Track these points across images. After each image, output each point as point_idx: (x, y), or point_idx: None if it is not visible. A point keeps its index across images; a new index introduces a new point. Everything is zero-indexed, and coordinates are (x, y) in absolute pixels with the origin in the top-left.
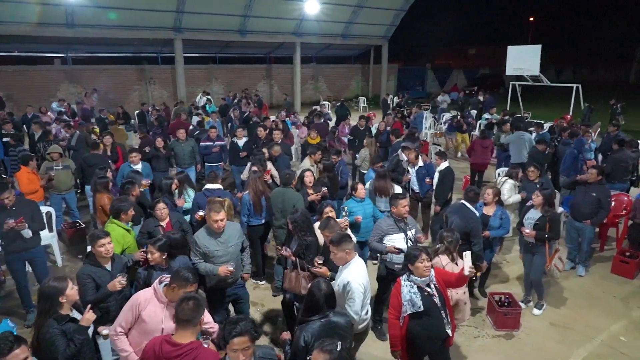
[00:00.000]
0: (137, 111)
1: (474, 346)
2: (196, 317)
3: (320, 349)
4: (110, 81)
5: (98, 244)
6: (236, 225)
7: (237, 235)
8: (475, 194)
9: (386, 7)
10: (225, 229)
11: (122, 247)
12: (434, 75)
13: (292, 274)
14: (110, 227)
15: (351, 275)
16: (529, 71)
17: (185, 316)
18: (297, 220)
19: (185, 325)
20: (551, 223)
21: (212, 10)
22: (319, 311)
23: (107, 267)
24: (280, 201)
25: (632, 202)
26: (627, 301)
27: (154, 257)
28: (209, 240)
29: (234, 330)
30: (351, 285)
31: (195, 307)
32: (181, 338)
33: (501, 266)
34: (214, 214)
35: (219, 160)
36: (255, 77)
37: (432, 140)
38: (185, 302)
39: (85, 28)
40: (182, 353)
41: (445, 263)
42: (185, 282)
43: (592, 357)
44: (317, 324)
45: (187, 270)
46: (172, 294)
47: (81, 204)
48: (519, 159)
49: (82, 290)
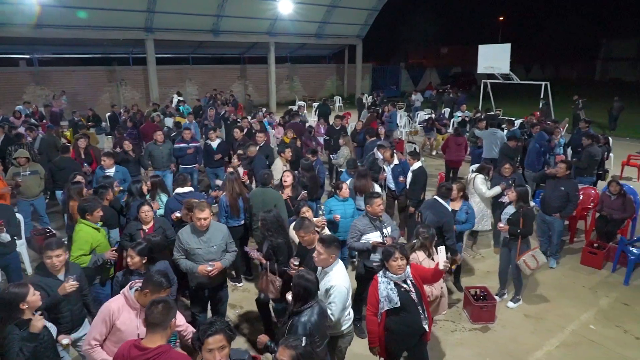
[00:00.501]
0: (109, 113)
1: (451, 340)
2: (166, 320)
3: (285, 345)
4: (79, 83)
5: (46, 255)
6: (222, 227)
7: (221, 237)
8: (447, 190)
9: (360, 7)
10: (210, 228)
11: (91, 246)
12: (407, 74)
13: (264, 277)
14: (78, 227)
15: (336, 280)
16: (500, 69)
17: (154, 320)
18: (266, 220)
19: (154, 328)
20: (524, 219)
21: (184, 10)
22: (311, 298)
23: (59, 276)
24: (260, 201)
25: (599, 195)
26: (596, 291)
27: (134, 261)
28: (192, 237)
29: (209, 330)
30: (335, 289)
31: (165, 310)
32: (150, 342)
33: (476, 260)
34: (199, 211)
35: (193, 162)
36: (230, 77)
37: (407, 138)
38: (154, 306)
39: (52, 28)
40: (149, 357)
41: (422, 259)
42: (158, 287)
43: (563, 346)
44: (315, 312)
45: (160, 275)
46: (145, 299)
47: (51, 210)
48: (490, 154)
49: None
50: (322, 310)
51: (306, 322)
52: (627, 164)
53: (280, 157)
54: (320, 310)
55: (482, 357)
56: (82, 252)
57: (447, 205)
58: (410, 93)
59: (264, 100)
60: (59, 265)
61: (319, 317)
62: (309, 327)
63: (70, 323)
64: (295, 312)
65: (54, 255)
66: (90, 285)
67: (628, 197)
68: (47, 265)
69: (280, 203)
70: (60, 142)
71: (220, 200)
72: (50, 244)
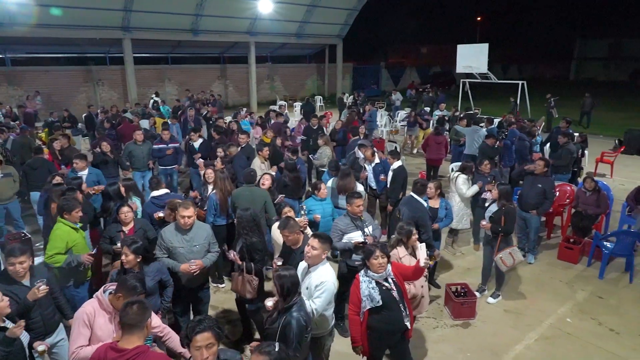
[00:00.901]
0: (85, 114)
1: (432, 336)
2: (142, 320)
3: (259, 351)
4: (54, 83)
5: (9, 261)
6: (206, 227)
7: (204, 236)
8: (422, 186)
9: (340, 7)
10: (193, 228)
11: (67, 245)
12: (388, 73)
13: (239, 277)
14: (56, 225)
15: (326, 276)
16: (478, 69)
17: (130, 320)
18: (242, 218)
19: (130, 330)
20: (506, 217)
21: (162, 9)
22: (297, 292)
23: (24, 282)
24: (248, 200)
25: (575, 192)
26: (572, 285)
27: (128, 259)
28: (175, 236)
29: (197, 327)
30: (326, 284)
31: (140, 310)
32: (127, 343)
33: (456, 258)
34: (183, 209)
35: (173, 162)
36: (210, 77)
37: (388, 137)
38: (129, 307)
39: (26, 27)
40: (128, 359)
41: (403, 255)
42: (131, 291)
43: (542, 339)
44: (302, 305)
45: (134, 279)
46: (118, 303)
47: (26, 213)
48: (472, 151)
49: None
50: (304, 303)
51: (299, 317)
52: (601, 160)
53: (258, 155)
54: (302, 303)
55: (463, 353)
56: (57, 250)
57: (423, 201)
58: (391, 92)
59: (244, 100)
60: (22, 272)
61: (305, 311)
62: (304, 320)
63: (43, 328)
64: (285, 309)
65: (17, 262)
66: (65, 286)
67: (602, 193)
68: (10, 272)
69: (268, 200)
70: (34, 143)
71: (210, 198)
72: (13, 250)
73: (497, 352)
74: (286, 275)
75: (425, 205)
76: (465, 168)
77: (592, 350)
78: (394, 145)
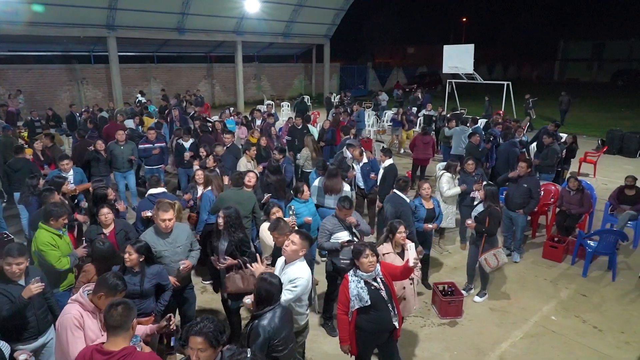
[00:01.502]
0: (67, 114)
1: (420, 335)
2: (127, 321)
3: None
4: (37, 82)
5: (6, 261)
6: (185, 226)
7: (185, 236)
8: (404, 182)
9: (327, 7)
10: (173, 229)
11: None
12: (375, 73)
13: (237, 275)
14: (38, 232)
15: (302, 272)
16: (464, 69)
17: (115, 322)
18: (230, 216)
19: (116, 331)
20: (490, 217)
21: (147, 7)
22: (272, 302)
23: (20, 282)
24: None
25: (559, 191)
26: (556, 283)
27: (131, 258)
28: (157, 240)
29: (191, 329)
30: (300, 281)
31: (125, 312)
32: (113, 345)
33: (444, 257)
34: (162, 213)
35: (159, 162)
36: (196, 76)
37: (375, 137)
38: (113, 308)
39: (7, 25)
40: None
41: (387, 252)
42: (113, 290)
43: (527, 337)
44: (276, 316)
45: (115, 277)
46: (100, 302)
47: (8, 214)
48: (458, 151)
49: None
50: (285, 314)
51: (266, 326)
52: (584, 160)
53: (245, 154)
54: (282, 314)
55: (450, 351)
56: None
57: (405, 197)
58: (378, 92)
59: (231, 99)
60: (19, 273)
61: (280, 321)
62: (268, 331)
63: (36, 328)
64: (256, 316)
65: (14, 263)
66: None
67: (586, 192)
68: (6, 272)
69: (256, 203)
70: (17, 142)
71: (206, 195)
72: (11, 250)
73: (484, 350)
74: (264, 284)
75: (407, 200)
76: (449, 167)
77: (576, 348)
78: (381, 145)
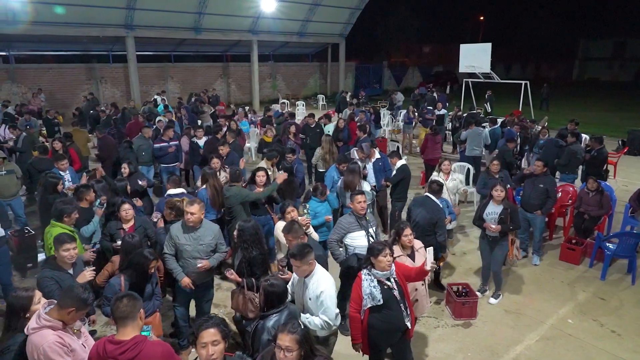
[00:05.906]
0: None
1: (433, 336)
2: (134, 311)
3: (287, 331)
4: (57, 81)
5: (63, 247)
6: (215, 226)
7: (211, 236)
8: (439, 186)
9: (342, 6)
10: (201, 227)
11: None
12: (390, 72)
13: (240, 296)
14: (48, 229)
15: (324, 284)
16: (481, 68)
17: (122, 313)
18: (244, 230)
19: (124, 322)
20: (512, 215)
21: (165, 7)
22: (280, 304)
23: (69, 271)
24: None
25: (577, 193)
26: (574, 286)
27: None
28: (182, 233)
29: (204, 324)
30: (325, 294)
31: (131, 302)
32: (123, 335)
33: (458, 257)
34: (189, 205)
35: (175, 160)
36: (212, 75)
37: (390, 136)
38: (119, 301)
39: (29, 25)
40: (126, 349)
41: (397, 255)
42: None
43: (542, 340)
44: (283, 317)
45: (80, 289)
46: (68, 317)
47: (30, 210)
48: (472, 152)
49: (46, 294)
50: (293, 316)
51: (271, 328)
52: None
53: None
54: (289, 315)
55: (463, 353)
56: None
57: (439, 202)
58: (393, 92)
59: (247, 98)
60: (74, 258)
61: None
62: (273, 333)
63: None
64: (262, 316)
65: (71, 248)
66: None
67: (605, 194)
68: (63, 258)
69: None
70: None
71: (200, 194)
72: (64, 237)
73: (498, 352)
74: (267, 287)
75: (441, 206)
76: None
77: (593, 352)
78: (395, 144)
